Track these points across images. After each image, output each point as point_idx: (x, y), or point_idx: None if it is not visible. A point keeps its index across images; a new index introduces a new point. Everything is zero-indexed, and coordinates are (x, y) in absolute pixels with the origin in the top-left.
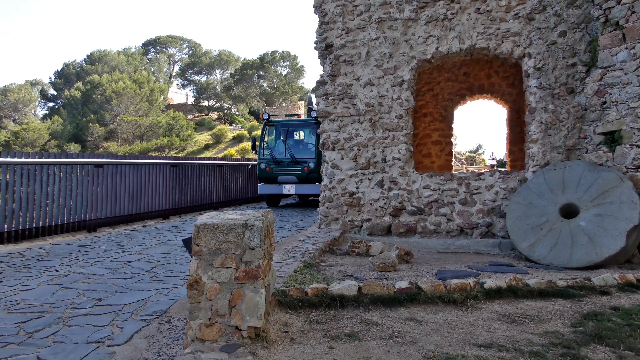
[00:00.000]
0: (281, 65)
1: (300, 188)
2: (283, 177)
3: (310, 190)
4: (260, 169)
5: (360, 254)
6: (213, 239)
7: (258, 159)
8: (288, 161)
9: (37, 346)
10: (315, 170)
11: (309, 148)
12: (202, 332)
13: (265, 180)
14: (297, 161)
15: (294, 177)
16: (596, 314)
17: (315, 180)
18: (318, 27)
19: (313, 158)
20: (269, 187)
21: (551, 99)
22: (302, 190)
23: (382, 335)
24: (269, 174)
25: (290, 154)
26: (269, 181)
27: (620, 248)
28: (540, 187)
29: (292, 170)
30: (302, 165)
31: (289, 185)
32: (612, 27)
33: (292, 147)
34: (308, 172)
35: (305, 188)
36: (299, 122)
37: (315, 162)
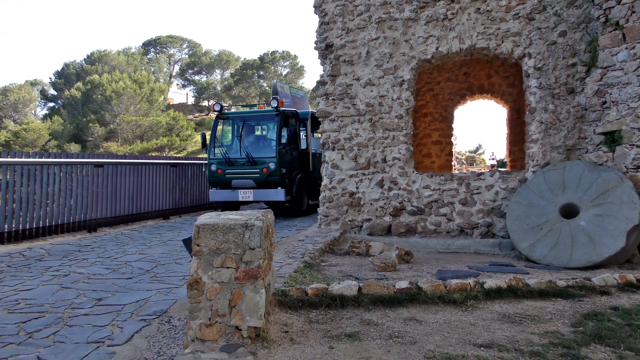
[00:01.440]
0: (281, 65)
1: (259, 194)
2: (238, 180)
3: (271, 196)
4: (211, 171)
5: (361, 254)
6: (213, 239)
7: (208, 159)
8: (244, 162)
9: (37, 346)
10: (275, 172)
11: (269, 145)
12: (202, 332)
13: (217, 185)
14: (255, 161)
15: (250, 181)
16: (596, 314)
17: (276, 185)
18: (318, 27)
19: (274, 157)
20: (222, 193)
21: (551, 99)
22: (261, 196)
23: (382, 335)
24: (221, 177)
25: (246, 152)
26: (222, 186)
27: (621, 248)
28: (540, 187)
29: (248, 172)
30: (260, 167)
31: (245, 191)
32: (612, 27)
33: (250, 145)
34: (268, 175)
35: (265, 194)
36: (258, 115)
37: (277, 162)
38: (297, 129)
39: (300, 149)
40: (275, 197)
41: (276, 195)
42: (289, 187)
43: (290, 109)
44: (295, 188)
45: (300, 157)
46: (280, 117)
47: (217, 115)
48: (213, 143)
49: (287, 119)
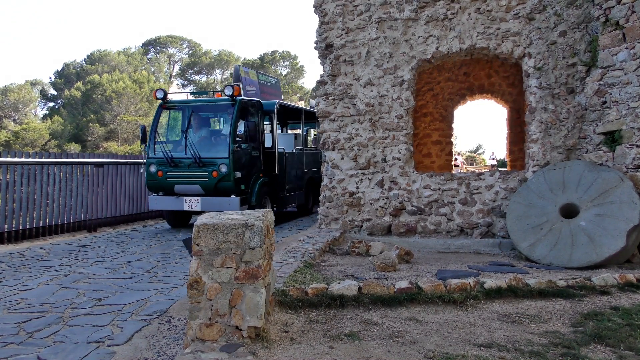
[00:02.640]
0: (281, 65)
1: (207, 203)
2: (182, 186)
3: (222, 206)
4: (150, 173)
5: (361, 253)
6: (213, 239)
7: (147, 158)
8: (190, 162)
9: (37, 346)
10: (228, 177)
11: (221, 143)
12: (203, 332)
13: (157, 190)
14: (203, 162)
15: (197, 187)
16: (596, 313)
17: (229, 192)
18: (318, 27)
19: (226, 158)
20: (164, 200)
21: (551, 98)
22: (210, 205)
23: (382, 335)
24: (162, 181)
25: (193, 151)
26: (164, 191)
27: (621, 248)
28: (540, 187)
29: (195, 176)
30: (209, 169)
31: (191, 199)
32: (612, 27)
33: (198, 142)
34: (218, 179)
35: (215, 203)
36: (209, 105)
37: (230, 163)
38: (259, 123)
39: (264, 147)
40: (227, 207)
41: (229, 204)
42: (246, 194)
43: (253, 98)
44: (255, 196)
45: (263, 157)
46: (237, 107)
47: (161, 103)
48: (153, 138)
49: (246, 111)
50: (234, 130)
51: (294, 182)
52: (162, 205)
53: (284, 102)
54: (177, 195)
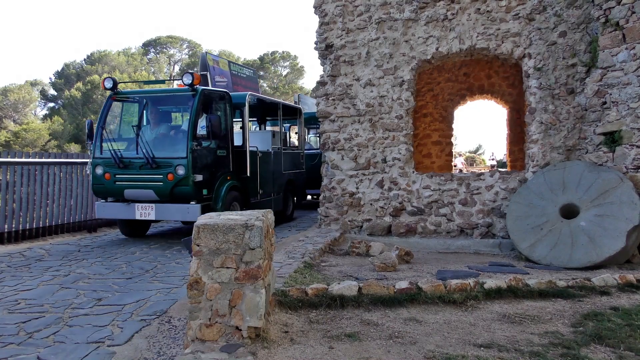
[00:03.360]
0: (281, 66)
1: (163, 210)
2: (133, 190)
3: (180, 214)
4: (96, 175)
5: (361, 254)
6: (213, 239)
7: (92, 157)
8: (141, 163)
9: (37, 346)
10: (186, 180)
11: (179, 140)
12: (203, 332)
13: (104, 195)
14: (157, 163)
15: (150, 192)
16: (596, 314)
17: (188, 197)
18: (318, 28)
19: (184, 158)
20: (113, 207)
21: (551, 99)
22: (166, 213)
23: (382, 336)
24: (110, 185)
25: (145, 150)
26: (114, 197)
27: (621, 248)
28: (540, 187)
29: (147, 178)
30: (164, 171)
31: (144, 206)
32: (612, 27)
33: (152, 139)
34: (175, 183)
35: (172, 211)
36: (165, 96)
37: (189, 164)
38: (227, 118)
39: (233, 146)
40: (185, 215)
41: (187, 212)
42: (209, 200)
43: (219, 89)
44: (221, 203)
45: (231, 158)
46: (197, 99)
47: (110, 95)
48: (100, 135)
49: (210, 103)
50: (194, 126)
51: (269, 186)
52: (111, 213)
53: (258, 95)
54: (128, 202)
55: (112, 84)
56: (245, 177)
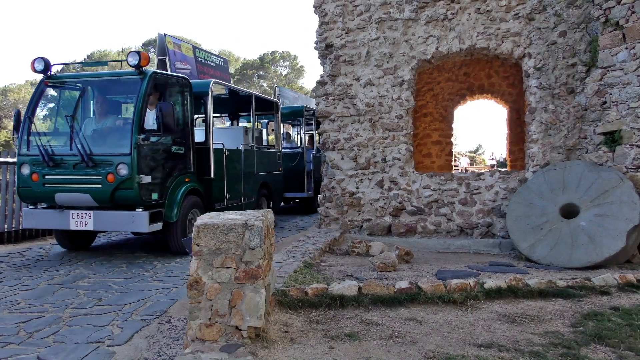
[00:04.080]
0: (281, 65)
1: (102, 219)
2: (65, 194)
3: (124, 223)
4: (21, 176)
5: (361, 254)
6: (213, 239)
7: (17, 155)
8: (75, 161)
9: (37, 346)
10: (129, 182)
11: (122, 133)
12: (202, 332)
13: (33, 200)
14: (94, 161)
15: (86, 196)
16: (596, 314)
17: (133, 203)
18: (318, 27)
19: (127, 154)
20: (43, 215)
21: (551, 99)
22: (106, 222)
23: (382, 335)
24: (38, 188)
25: (80, 145)
26: (45, 202)
27: (621, 248)
28: (540, 187)
29: (83, 180)
30: (103, 171)
31: (80, 213)
32: (612, 27)
33: (90, 132)
34: (116, 186)
35: (113, 219)
36: (108, 80)
37: (133, 162)
38: (185, 109)
39: (194, 142)
40: (130, 225)
41: (132, 222)
42: (161, 207)
43: (175, 74)
44: (177, 209)
45: (192, 156)
46: (146, 84)
47: (42, 79)
48: (27, 127)
49: (163, 90)
50: (140, 116)
51: (239, 189)
52: (41, 222)
53: (226, 84)
54: (61, 208)
55: (43, 66)
56: (209, 180)
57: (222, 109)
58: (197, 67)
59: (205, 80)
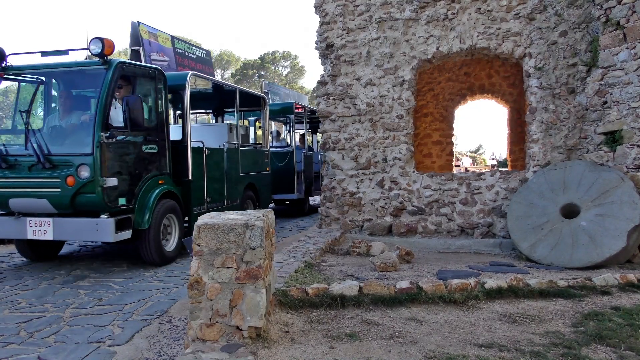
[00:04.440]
0: (282, 65)
1: (62, 227)
2: (21, 200)
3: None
4: None
5: (361, 254)
6: (214, 239)
7: None
8: (31, 162)
9: (38, 346)
10: (92, 186)
11: (84, 131)
12: (203, 332)
13: None
14: (52, 162)
15: (43, 201)
16: (597, 314)
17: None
18: (319, 27)
19: (88, 154)
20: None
21: (552, 98)
22: (67, 231)
23: (383, 335)
24: None
25: (36, 144)
26: None
27: (621, 248)
28: (541, 187)
29: (40, 183)
30: (62, 173)
31: (38, 221)
32: (613, 27)
33: (47, 130)
34: (77, 190)
35: (75, 227)
36: (69, 71)
37: (96, 162)
38: (158, 103)
39: (168, 141)
40: (94, 234)
41: (96, 230)
42: (130, 212)
43: (146, 64)
44: (149, 214)
45: (167, 156)
46: (111, 75)
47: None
48: None
49: (132, 83)
50: (104, 111)
51: (221, 191)
52: None
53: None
54: (17, 215)
55: None
56: (187, 182)
57: (205, 104)
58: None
59: (182, 73)
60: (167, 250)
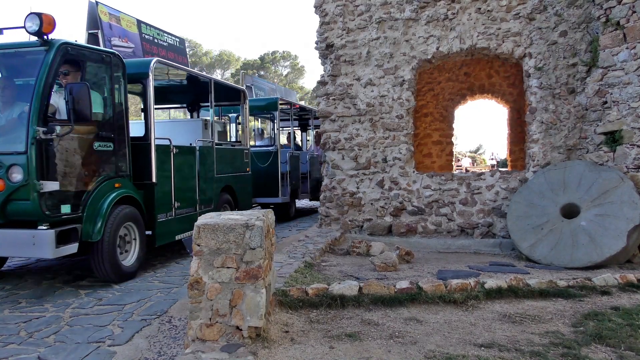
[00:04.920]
0: (282, 65)
1: None
2: None
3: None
4: None
5: (361, 254)
6: (214, 239)
7: None
8: None
9: (38, 346)
10: (25, 191)
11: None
12: (203, 332)
13: None
14: None
15: None
16: (597, 314)
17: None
18: (318, 27)
19: (21, 152)
20: None
21: (552, 98)
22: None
23: (383, 335)
24: None
25: None
26: None
27: (621, 248)
28: (541, 187)
29: None
30: None
31: None
32: (613, 27)
33: None
34: (8, 195)
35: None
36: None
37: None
38: (114, 93)
39: (128, 137)
40: (29, 249)
41: (32, 244)
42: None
43: (99, 48)
44: (101, 223)
45: (126, 155)
46: (52, 57)
47: None
48: None
49: (81, 67)
50: (42, 100)
51: (192, 196)
52: None
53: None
54: None
55: None
56: (150, 185)
57: (178, 98)
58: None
59: (145, 59)
60: (125, 265)
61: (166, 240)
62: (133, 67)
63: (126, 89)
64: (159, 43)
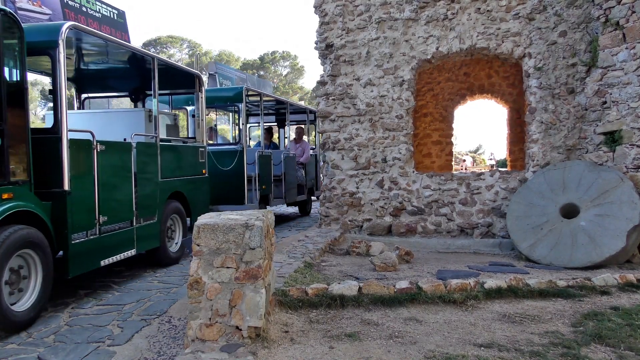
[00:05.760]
0: (281, 65)
1: None
2: None
3: None
4: None
5: (361, 254)
6: (213, 239)
7: None
8: None
9: (37, 346)
10: None
11: None
12: (203, 332)
13: None
14: None
15: None
16: (596, 314)
17: None
18: (318, 27)
19: None
20: None
21: (551, 99)
22: None
23: (383, 335)
24: None
25: None
26: None
27: (621, 248)
28: (540, 187)
29: None
30: None
31: None
32: (613, 27)
33: None
34: None
35: None
36: None
37: None
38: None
39: (27, 129)
40: None
41: None
42: None
43: None
44: None
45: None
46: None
47: None
48: None
49: None
50: None
51: (125, 207)
52: None
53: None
54: None
55: None
56: (61, 194)
57: (116, 83)
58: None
59: (53, 23)
60: (15, 310)
61: (86, 268)
62: (36, 33)
63: (24, 62)
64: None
